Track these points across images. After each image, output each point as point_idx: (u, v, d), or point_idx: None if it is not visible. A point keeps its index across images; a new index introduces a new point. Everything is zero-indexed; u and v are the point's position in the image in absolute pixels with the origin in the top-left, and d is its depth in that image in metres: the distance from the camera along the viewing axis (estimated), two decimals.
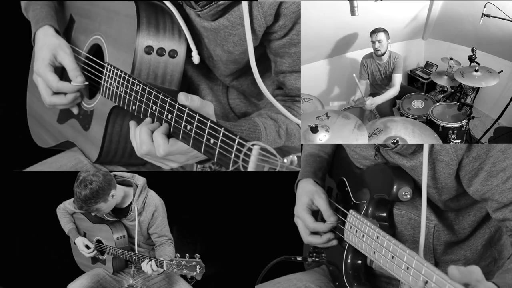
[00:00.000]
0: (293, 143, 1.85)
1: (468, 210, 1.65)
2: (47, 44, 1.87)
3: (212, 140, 1.39)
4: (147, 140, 1.54)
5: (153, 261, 2.22)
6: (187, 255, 2.12)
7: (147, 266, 2.23)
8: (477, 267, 1.19)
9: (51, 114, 2.19)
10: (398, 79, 2.64)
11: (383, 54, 2.60)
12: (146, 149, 1.55)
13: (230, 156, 1.32)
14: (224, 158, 1.34)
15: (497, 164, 1.45)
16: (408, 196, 1.56)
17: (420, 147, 1.51)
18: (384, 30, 2.56)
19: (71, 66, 1.86)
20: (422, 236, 1.55)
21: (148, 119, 1.62)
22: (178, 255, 2.14)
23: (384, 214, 1.64)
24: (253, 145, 1.25)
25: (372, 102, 2.55)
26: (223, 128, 1.36)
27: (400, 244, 1.38)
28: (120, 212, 2.44)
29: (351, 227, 1.64)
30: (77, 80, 1.86)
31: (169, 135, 1.55)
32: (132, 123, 1.65)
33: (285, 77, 1.83)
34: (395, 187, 1.56)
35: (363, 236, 1.56)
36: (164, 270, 2.19)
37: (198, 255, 2.10)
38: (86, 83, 1.90)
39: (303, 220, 1.73)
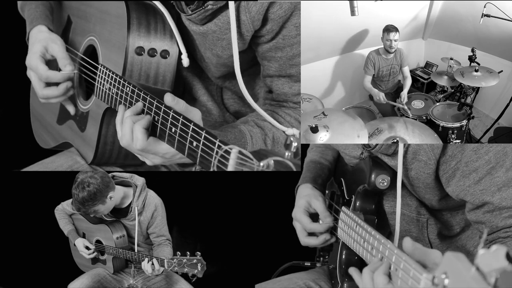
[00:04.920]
0: (280, 151, 1.85)
1: (457, 209, 1.66)
2: (39, 39, 1.88)
3: (194, 143, 1.39)
4: (128, 135, 1.55)
5: (154, 259, 2.23)
6: (188, 253, 2.13)
7: (148, 265, 2.24)
8: (439, 252, 1.11)
9: (51, 115, 2.20)
10: (407, 70, 2.72)
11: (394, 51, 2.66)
12: (126, 143, 1.57)
13: (211, 159, 1.32)
14: (206, 162, 1.34)
15: (469, 164, 1.44)
16: (385, 183, 1.61)
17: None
18: (397, 29, 2.60)
19: (60, 55, 1.86)
20: (397, 224, 1.56)
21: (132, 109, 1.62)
22: (179, 253, 2.15)
23: (372, 207, 1.67)
24: (231, 148, 1.25)
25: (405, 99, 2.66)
26: (204, 131, 1.36)
27: (374, 231, 1.39)
28: (120, 212, 2.45)
29: (342, 224, 1.66)
30: (66, 69, 1.85)
31: (153, 132, 1.55)
32: (121, 108, 1.65)
33: (272, 82, 1.82)
34: (373, 175, 1.61)
35: (348, 229, 1.58)
36: (165, 269, 2.20)
37: (199, 253, 2.11)
38: (76, 71, 1.90)
39: (300, 222, 1.75)
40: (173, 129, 1.46)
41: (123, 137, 1.57)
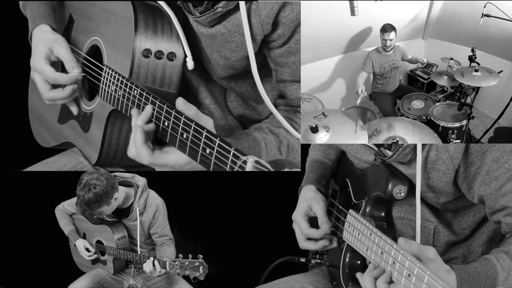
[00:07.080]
0: (295, 158, 1.83)
1: (467, 211, 1.66)
2: (43, 40, 1.86)
3: (208, 150, 1.38)
4: (134, 148, 1.55)
5: (156, 261, 2.22)
6: (190, 255, 2.12)
7: (150, 267, 2.24)
8: (433, 248, 1.27)
9: (52, 114, 2.19)
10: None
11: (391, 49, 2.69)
12: (132, 155, 1.58)
13: (226, 168, 1.31)
14: (220, 169, 1.34)
15: (491, 173, 1.46)
16: (403, 194, 1.58)
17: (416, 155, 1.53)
18: (394, 29, 2.60)
19: (67, 57, 1.84)
20: (418, 236, 1.56)
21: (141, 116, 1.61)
22: (181, 255, 2.15)
23: (382, 214, 1.65)
24: (247, 158, 1.25)
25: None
26: (218, 138, 1.35)
27: (389, 240, 1.38)
28: (121, 213, 2.44)
29: (349, 227, 1.65)
30: (74, 71, 1.84)
31: (163, 136, 1.55)
32: (134, 112, 1.64)
33: (285, 87, 1.81)
34: (390, 185, 1.58)
35: (358, 234, 1.57)
36: (167, 271, 2.19)
37: (201, 256, 2.11)
38: (83, 74, 1.88)
39: (298, 225, 1.75)
40: (185, 135, 1.45)
41: (129, 149, 1.57)
